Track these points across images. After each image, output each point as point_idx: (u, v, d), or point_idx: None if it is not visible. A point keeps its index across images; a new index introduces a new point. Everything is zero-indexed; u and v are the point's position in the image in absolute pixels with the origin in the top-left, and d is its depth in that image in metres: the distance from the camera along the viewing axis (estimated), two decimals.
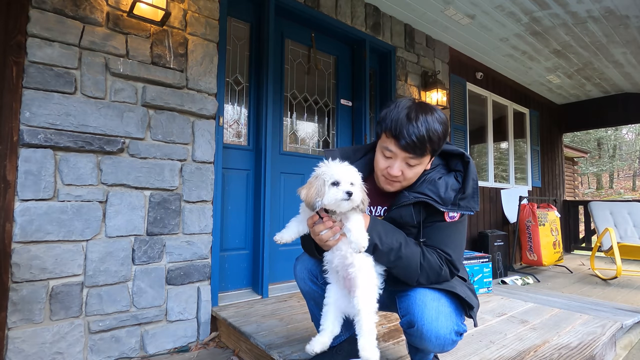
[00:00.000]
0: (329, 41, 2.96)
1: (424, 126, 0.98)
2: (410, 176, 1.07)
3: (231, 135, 2.42)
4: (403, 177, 1.07)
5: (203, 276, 1.99)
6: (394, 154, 1.03)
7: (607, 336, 1.79)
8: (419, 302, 1.06)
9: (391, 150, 1.03)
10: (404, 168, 1.05)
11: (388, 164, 1.07)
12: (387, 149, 1.04)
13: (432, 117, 1.00)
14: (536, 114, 5.34)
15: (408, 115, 1.00)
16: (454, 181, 1.11)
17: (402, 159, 1.04)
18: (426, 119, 0.99)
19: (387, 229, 1.09)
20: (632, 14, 3.15)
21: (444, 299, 1.07)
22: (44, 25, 1.57)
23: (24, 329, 1.49)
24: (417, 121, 0.98)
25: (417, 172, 1.08)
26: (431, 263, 1.07)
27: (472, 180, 1.09)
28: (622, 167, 21.41)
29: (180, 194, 1.93)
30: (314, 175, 1.05)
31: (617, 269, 3.34)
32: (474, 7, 3.10)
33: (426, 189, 1.09)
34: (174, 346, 1.88)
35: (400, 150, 1.02)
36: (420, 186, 1.10)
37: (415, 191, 1.09)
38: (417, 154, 1.01)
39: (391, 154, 1.04)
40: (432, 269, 1.07)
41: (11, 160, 1.50)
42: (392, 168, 1.05)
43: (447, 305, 1.06)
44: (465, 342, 1.68)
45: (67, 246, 1.60)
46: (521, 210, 4.13)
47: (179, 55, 1.95)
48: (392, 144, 1.02)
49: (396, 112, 1.02)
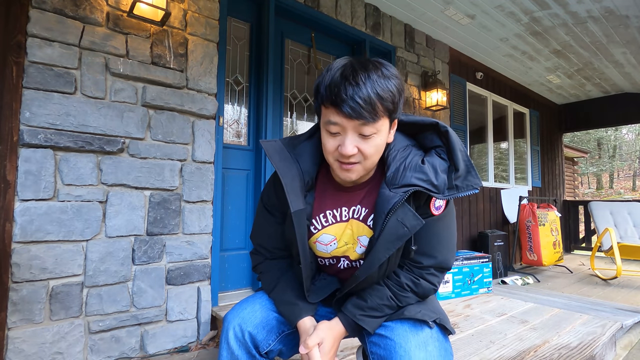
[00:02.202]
0: (329, 41, 2.96)
1: (368, 83, 0.75)
2: (370, 151, 0.80)
3: (231, 135, 2.42)
4: (361, 156, 0.80)
5: (203, 276, 1.99)
6: (340, 126, 0.78)
7: (607, 336, 1.79)
8: (400, 351, 0.81)
9: (335, 122, 0.78)
10: (359, 142, 0.79)
11: (337, 143, 0.80)
12: (330, 122, 0.79)
13: (375, 72, 0.77)
14: (536, 114, 5.34)
15: (343, 74, 0.77)
16: (439, 160, 0.86)
17: (352, 129, 0.78)
18: (367, 75, 0.76)
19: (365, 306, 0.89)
20: (632, 14, 3.15)
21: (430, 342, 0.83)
22: (44, 25, 1.57)
23: (24, 329, 1.49)
24: (356, 78, 0.75)
25: (378, 145, 0.81)
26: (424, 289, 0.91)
27: (461, 152, 0.86)
28: (622, 167, 21.41)
29: (180, 194, 1.93)
30: None
31: (617, 269, 3.34)
32: (474, 7, 3.10)
33: (412, 177, 0.83)
34: (174, 346, 1.88)
35: (345, 119, 0.76)
36: (402, 177, 0.84)
37: (398, 185, 0.83)
38: (367, 119, 0.75)
39: (337, 127, 0.78)
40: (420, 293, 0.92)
41: (11, 160, 1.50)
42: (344, 146, 0.78)
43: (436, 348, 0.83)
44: (465, 342, 1.69)
45: (67, 246, 1.60)
46: (521, 210, 4.14)
47: (179, 55, 1.95)
48: (334, 113, 0.77)
49: (329, 76, 0.78)
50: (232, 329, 0.91)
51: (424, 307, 0.90)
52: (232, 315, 0.93)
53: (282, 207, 0.95)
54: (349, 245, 0.93)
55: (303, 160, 0.90)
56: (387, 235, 0.83)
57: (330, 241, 0.93)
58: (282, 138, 0.97)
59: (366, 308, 0.89)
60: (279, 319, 0.96)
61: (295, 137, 0.95)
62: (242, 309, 0.94)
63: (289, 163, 0.88)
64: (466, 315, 2.14)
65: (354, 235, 0.92)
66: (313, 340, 0.85)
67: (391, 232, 0.83)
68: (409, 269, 0.91)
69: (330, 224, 0.92)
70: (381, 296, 0.89)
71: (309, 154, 0.91)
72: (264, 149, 0.90)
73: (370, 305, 0.89)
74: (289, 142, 0.94)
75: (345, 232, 0.92)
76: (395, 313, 0.90)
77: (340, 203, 0.92)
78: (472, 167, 0.86)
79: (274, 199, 0.97)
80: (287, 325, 0.97)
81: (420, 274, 0.90)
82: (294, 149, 0.92)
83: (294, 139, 0.95)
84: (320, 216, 0.92)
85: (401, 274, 0.91)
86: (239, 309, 0.94)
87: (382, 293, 0.90)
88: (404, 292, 0.90)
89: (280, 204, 0.95)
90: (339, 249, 0.93)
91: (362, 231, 0.91)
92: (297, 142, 0.93)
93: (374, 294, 0.90)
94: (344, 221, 0.92)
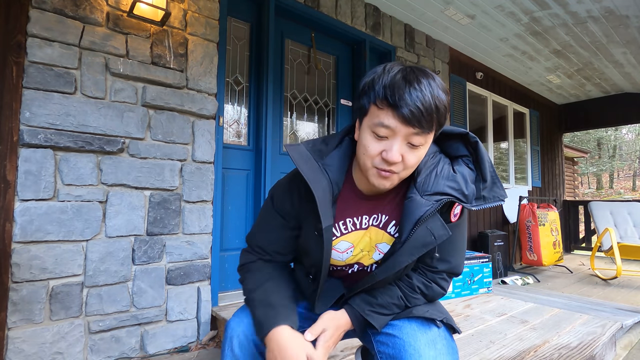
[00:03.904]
0: (329, 41, 2.96)
1: (428, 90, 0.71)
2: (412, 162, 0.76)
3: (231, 135, 2.42)
4: (403, 165, 0.76)
5: (203, 276, 1.99)
6: (392, 130, 0.73)
7: (607, 336, 1.79)
8: (410, 350, 0.81)
9: (388, 125, 0.72)
10: (405, 151, 0.75)
11: (383, 147, 0.74)
12: (382, 125, 0.73)
13: (434, 81, 0.74)
14: (536, 114, 5.34)
15: (406, 77, 0.72)
16: (468, 170, 0.85)
17: (403, 136, 0.73)
18: (429, 83, 0.72)
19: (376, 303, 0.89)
20: (632, 14, 3.15)
21: (439, 340, 0.84)
22: (44, 25, 1.57)
23: (24, 329, 1.49)
24: (420, 84, 0.71)
25: (420, 157, 0.78)
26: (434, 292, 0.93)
27: (489, 163, 0.85)
28: (622, 167, 21.42)
29: (180, 194, 1.93)
30: None
31: (617, 269, 3.34)
32: (474, 7, 3.10)
33: (445, 186, 0.81)
34: (174, 346, 1.88)
35: (401, 124, 0.72)
36: (435, 184, 0.82)
37: (431, 192, 0.81)
38: (423, 128, 0.72)
39: (387, 131, 0.73)
40: (429, 296, 0.93)
41: (11, 160, 1.50)
42: (390, 151, 0.73)
43: (445, 346, 0.84)
44: (465, 342, 1.69)
45: (67, 246, 1.60)
46: (521, 210, 4.14)
47: (179, 55, 1.95)
48: (388, 116, 0.72)
49: (388, 76, 0.73)
50: (237, 337, 0.86)
51: (431, 307, 0.92)
52: (236, 322, 0.88)
53: (297, 215, 0.90)
54: (365, 252, 0.91)
55: (332, 170, 0.84)
56: (413, 242, 0.81)
57: (347, 249, 0.91)
58: (305, 142, 0.89)
59: (375, 305, 0.89)
60: None
61: (321, 142, 0.89)
62: (246, 315, 0.88)
63: (319, 174, 0.82)
64: (466, 315, 2.14)
65: (372, 242, 0.90)
66: (317, 329, 0.85)
67: (418, 239, 0.81)
68: (422, 272, 0.92)
69: (350, 232, 0.90)
70: (392, 295, 0.89)
71: (338, 163, 0.85)
72: (290, 154, 0.83)
73: (379, 302, 0.89)
74: (314, 148, 0.87)
75: (363, 239, 0.90)
76: (402, 312, 0.91)
77: (361, 211, 0.89)
78: (497, 178, 0.86)
79: (288, 205, 0.90)
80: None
81: (433, 278, 0.91)
82: (322, 158, 0.85)
83: (320, 145, 0.88)
84: (339, 223, 0.89)
85: (413, 276, 0.91)
86: (242, 315, 0.89)
87: (392, 292, 0.90)
88: (414, 294, 0.91)
89: (296, 212, 0.90)
90: (354, 257, 0.92)
91: (381, 238, 0.90)
92: (324, 151, 0.86)
93: (385, 292, 0.90)
94: (363, 229, 0.90)
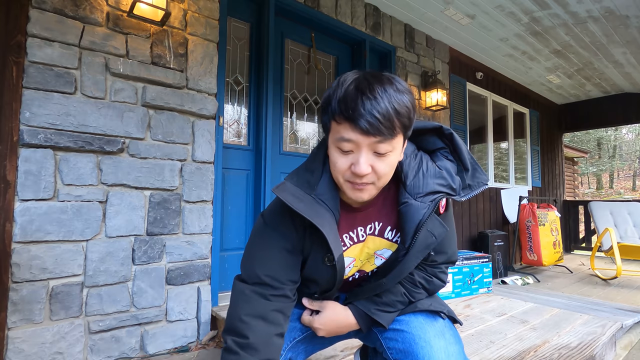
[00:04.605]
0: (329, 41, 2.96)
1: (384, 97, 0.70)
2: (384, 171, 0.75)
3: (231, 135, 2.43)
4: (375, 175, 0.75)
5: (203, 276, 1.99)
6: (355, 143, 0.72)
7: (607, 336, 1.79)
8: (421, 342, 0.83)
9: (349, 139, 0.72)
10: (373, 161, 0.73)
11: (350, 161, 0.74)
12: (343, 140, 0.72)
13: (390, 86, 0.72)
14: (536, 114, 5.34)
15: (358, 87, 0.71)
16: (449, 162, 0.87)
17: (367, 147, 0.72)
18: (384, 89, 0.71)
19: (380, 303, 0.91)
20: (632, 14, 3.15)
21: (446, 330, 0.87)
22: (44, 25, 1.57)
23: (24, 329, 1.49)
24: (373, 92, 0.70)
25: (392, 164, 0.76)
26: (434, 286, 0.96)
27: (467, 152, 0.87)
28: (622, 167, 21.41)
29: (180, 194, 1.93)
30: None
31: (617, 269, 3.34)
32: (474, 7, 3.10)
33: (435, 184, 0.82)
34: (174, 346, 1.88)
35: (361, 136, 0.71)
36: (425, 185, 0.82)
37: (423, 193, 0.82)
38: (385, 135, 0.71)
39: (351, 145, 0.73)
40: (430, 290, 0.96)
41: (11, 160, 1.50)
42: (358, 164, 0.73)
43: (452, 335, 0.86)
44: (466, 342, 1.69)
45: (67, 246, 1.60)
46: (521, 210, 4.14)
47: (179, 55, 1.95)
48: (348, 130, 0.72)
49: (342, 89, 0.72)
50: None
51: (434, 301, 0.95)
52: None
53: (302, 244, 0.86)
54: (365, 261, 0.93)
55: (328, 199, 0.81)
56: (417, 246, 0.82)
57: (350, 263, 0.91)
58: (288, 178, 0.85)
59: (380, 303, 0.91)
60: (289, 326, 0.94)
61: (306, 172, 0.84)
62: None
63: (318, 208, 0.80)
64: (466, 315, 2.14)
65: (371, 251, 0.91)
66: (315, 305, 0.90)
67: (421, 242, 0.82)
68: (423, 268, 0.94)
69: (349, 247, 0.89)
70: (395, 293, 0.92)
71: (331, 190, 0.82)
72: (282, 198, 0.79)
73: (384, 301, 0.91)
74: (300, 181, 0.83)
75: (363, 251, 0.91)
76: (406, 308, 0.93)
77: (355, 224, 0.88)
78: (477, 164, 0.89)
79: (293, 234, 0.85)
80: (297, 332, 0.97)
81: (433, 272, 0.95)
82: (313, 189, 0.81)
83: (307, 176, 0.84)
84: None
85: (415, 273, 0.93)
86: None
87: (396, 290, 0.92)
88: (417, 289, 0.94)
89: (301, 240, 0.86)
90: (355, 267, 0.93)
91: (380, 245, 0.90)
92: (313, 181, 0.82)
93: (389, 290, 0.92)
94: (361, 241, 0.89)
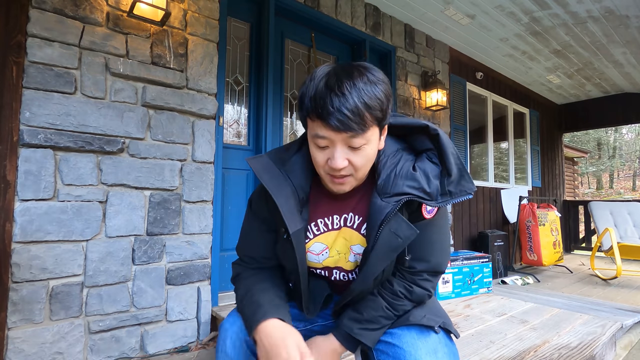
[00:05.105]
0: (329, 41, 2.96)
1: (354, 93, 0.71)
2: (360, 163, 0.77)
3: (231, 135, 2.43)
4: (352, 168, 0.77)
5: (203, 276, 1.99)
6: (328, 139, 0.75)
7: (607, 336, 1.79)
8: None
9: (323, 136, 0.74)
10: (349, 155, 0.76)
11: (327, 156, 0.77)
12: (318, 136, 0.75)
13: (361, 79, 0.72)
14: (536, 114, 5.34)
15: (328, 84, 0.72)
16: (431, 165, 0.84)
17: (340, 142, 0.74)
18: (353, 83, 0.71)
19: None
20: (632, 14, 3.15)
21: (440, 348, 0.83)
22: (44, 25, 1.57)
23: (24, 329, 1.49)
24: (342, 88, 0.71)
25: (369, 155, 0.78)
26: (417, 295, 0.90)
27: (452, 156, 0.83)
28: (622, 167, 21.42)
29: (180, 194, 1.93)
30: None
31: (617, 269, 3.33)
32: (474, 7, 3.10)
33: (404, 186, 0.81)
34: (174, 346, 1.88)
35: (333, 132, 0.73)
36: (394, 186, 0.81)
37: (390, 194, 0.81)
38: (356, 130, 0.72)
39: (325, 141, 0.75)
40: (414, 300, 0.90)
41: (11, 160, 1.50)
42: (333, 159, 0.75)
43: (446, 353, 0.83)
44: (465, 342, 1.69)
45: (67, 246, 1.60)
46: (521, 210, 4.13)
47: (179, 55, 1.95)
48: (320, 127, 0.74)
49: (313, 86, 0.74)
50: (230, 337, 0.85)
51: (428, 312, 0.89)
52: (229, 322, 0.88)
53: (274, 220, 0.90)
54: (341, 254, 0.91)
55: (295, 176, 0.85)
56: (380, 247, 0.81)
57: (322, 250, 0.90)
58: (268, 152, 0.91)
59: (363, 321, 0.87)
60: None
61: (283, 150, 0.90)
62: (239, 316, 0.88)
63: (281, 181, 0.84)
64: (466, 315, 2.14)
65: (347, 244, 0.90)
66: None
67: (384, 243, 0.80)
68: (402, 275, 0.89)
69: (322, 232, 0.90)
70: (376, 307, 0.87)
71: (300, 168, 0.86)
72: (251, 167, 0.84)
73: (366, 318, 0.87)
74: (276, 157, 0.88)
75: (337, 240, 0.90)
76: (400, 319, 0.89)
77: (332, 211, 0.89)
78: (465, 171, 0.84)
79: (265, 212, 0.91)
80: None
81: (413, 280, 0.89)
82: (284, 164, 0.86)
83: (282, 153, 0.89)
84: (311, 225, 0.90)
85: (394, 282, 0.89)
86: (236, 316, 0.89)
87: (377, 304, 0.88)
88: (398, 300, 0.88)
89: (272, 218, 0.90)
90: (330, 259, 0.91)
91: (355, 240, 0.89)
92: (286, 157, 0.88)
93: (369, 305, 0.88)
94: (335, 229, 0.90)
